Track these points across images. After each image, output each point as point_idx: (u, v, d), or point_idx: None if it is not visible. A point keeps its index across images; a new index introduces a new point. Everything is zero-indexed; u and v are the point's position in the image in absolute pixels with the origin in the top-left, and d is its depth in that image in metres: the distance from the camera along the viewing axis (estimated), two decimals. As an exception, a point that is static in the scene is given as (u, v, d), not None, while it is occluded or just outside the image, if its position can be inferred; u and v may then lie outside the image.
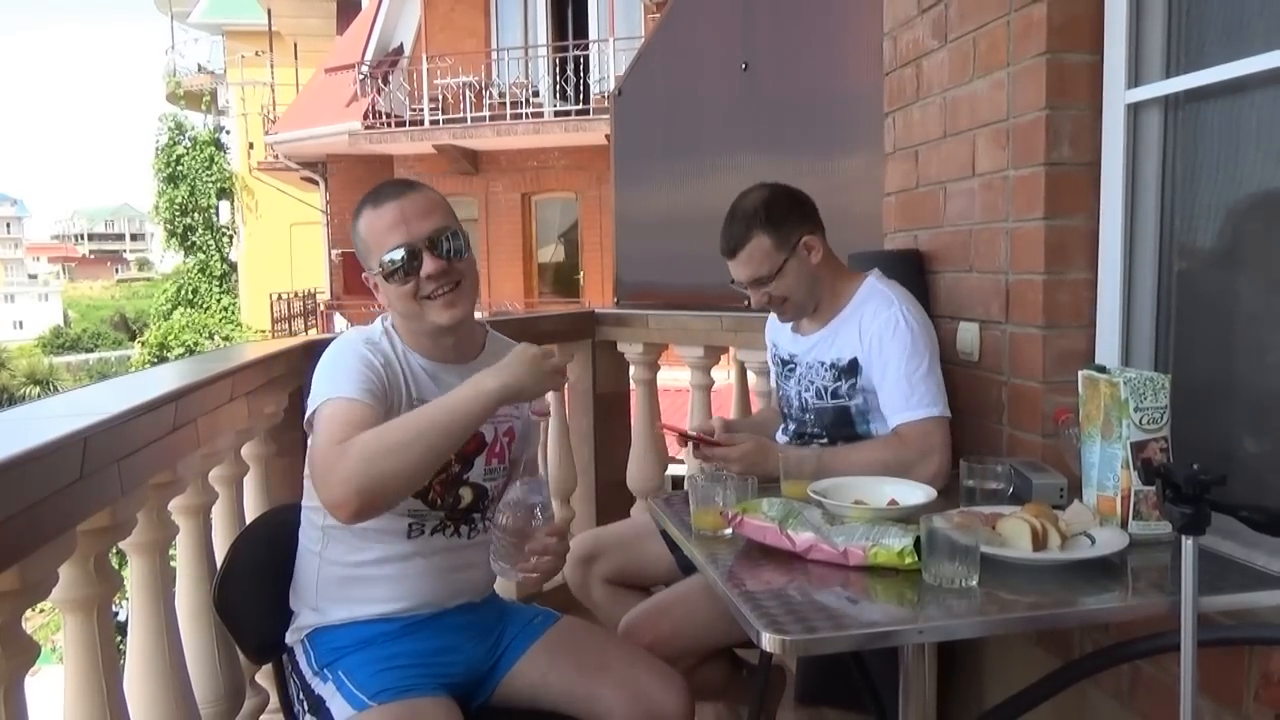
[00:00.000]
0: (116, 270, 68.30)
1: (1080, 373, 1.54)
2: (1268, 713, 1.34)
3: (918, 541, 1.32)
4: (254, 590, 1.64)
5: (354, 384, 1.42)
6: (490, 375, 1.38)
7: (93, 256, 73.21)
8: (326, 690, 1.51)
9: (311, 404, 1.44)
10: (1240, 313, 1.68)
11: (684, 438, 1.97)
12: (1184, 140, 1.73)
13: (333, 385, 1.43)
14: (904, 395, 1.81)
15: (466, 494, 1.60)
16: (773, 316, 2.18)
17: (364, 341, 1.53)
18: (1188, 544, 1.17)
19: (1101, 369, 1.51)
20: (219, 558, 1.79)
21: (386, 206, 1.52)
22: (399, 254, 1.49)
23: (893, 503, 1.57)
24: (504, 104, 11.67)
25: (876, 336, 1.86)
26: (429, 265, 1.50)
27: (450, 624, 1.61)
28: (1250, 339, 1.65)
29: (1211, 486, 1.15)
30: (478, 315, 1.71)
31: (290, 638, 1.61)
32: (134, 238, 76.63)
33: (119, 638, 1.56)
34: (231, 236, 17.96)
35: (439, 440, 1.35)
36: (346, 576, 1.57)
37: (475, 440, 1.58)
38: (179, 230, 17.54)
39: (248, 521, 1.96)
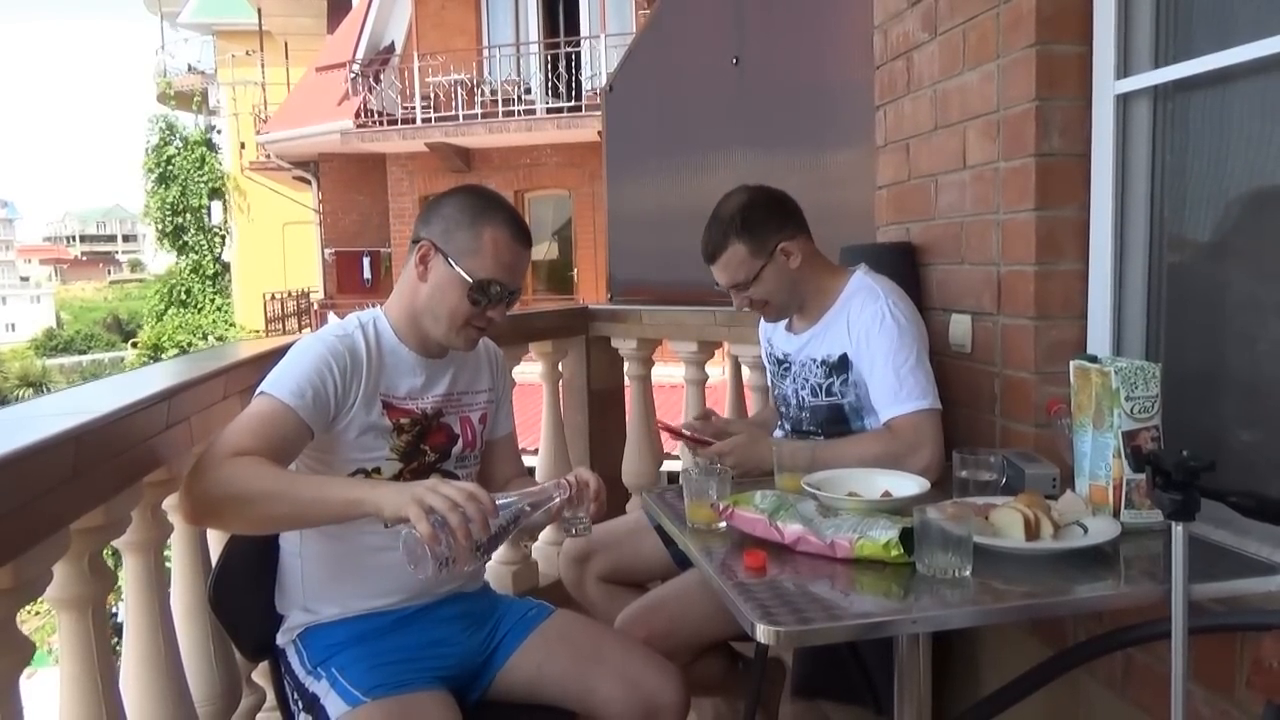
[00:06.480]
0: (109, 272, 68.04)
1: (1072, 363, 1.54)
2: (1259, 698, 1.35)
3: (904, 534, 1.33)
4: (249, 588, 1.64)
5: (295, 386, 1.48)
6: (370, 487, 1.39)
7: (85, 258, 72.88)
8: (321, 688, 1.51)
9: (260, 386, 1.50)
10: (1230, 302, 1.69)
11: (678, 435, 1.98)
12: (1173, 130, 1.74)
13: (277, 380, 1.49)
14: (893, 389, 1.82)
15: None
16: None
17: (337, 334, 1.57)
18: (1177, 530, 1.17)
19: (1093, 359, 1.51)
20: (214, 556, 1.79)
21: (518, 246, 1.58)
22: (497, 288, 1.55)
23: (887, 494, 1.57)
24: (496, 101, 11.64)
25: (864, 331, 1.86)
26: (497, 312, 1.58)
27: (443, 616, 1.62)
28: (1240, 327, 1.66)
29: (1201, 473, 1.16)
30: None
31: (281, 639, 1.62)
32: (126, 239, 76.33)
33: (115, 638, 1.56)
34: (224, 237, 17.91)
35: (290, 511, 1.39)
36: (332, 572, 1.57)
37: (445, 433, 1.62)
38: (170, 231, 17.48)
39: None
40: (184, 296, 17.55)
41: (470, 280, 1.54)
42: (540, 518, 1.45)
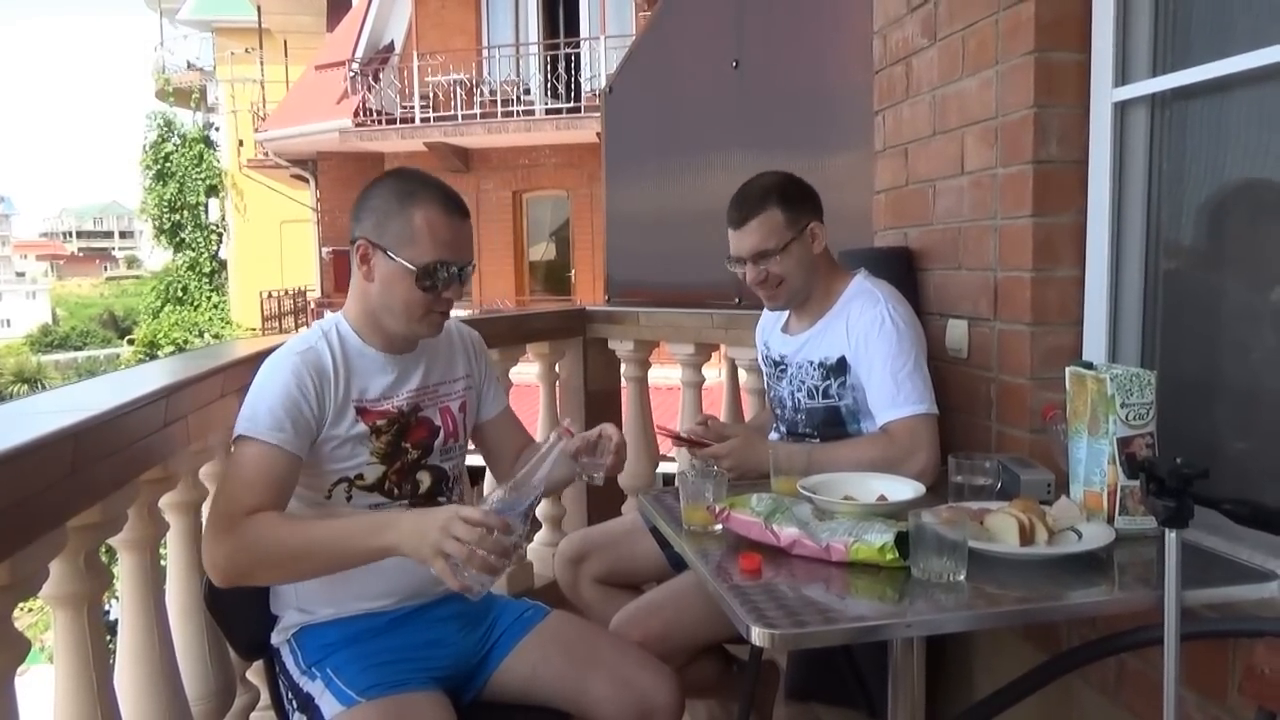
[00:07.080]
0: (105, 268, 67.92)
1: (1067, 369, 1.55)
2: (1250, 704, 1.35)
3: (899, 538, 1.33)
4: (244, 587, 1.63)
5: (273, 421, 1.44)
6: (392, 530, 1.34)
7: (81, 254, 72.73)
8: (315, 688, 1.51)
9: (238, 425, 1.46)
10: (1225, 309, 1.70)
11: (677, 439, 1.98)
12: (1170, 138, 1.74)
13: (254, 418, 1.45)
14: (890, 393, 1.82)
15: (425, 478, 1.62)
16: (763, 318, 2.19)
17: (299, 354, 1.52)
18: (1171, 537, 1.18)
19: (1088, 365, 1.52)
20: (210, 554, 1.79)
21: (454, 220, 1.54)
22: (444, 270, 1.51)
23: (882, 498, 1.58)
24: (495, 102, 11.66)
25: (863, 334, 1.87)
26: (452, 292, 1.55)
27: (439, 616, 1.62)
28: (1235, 335, 1.66)
29: (1194, 480, 1.17)
30: (467, 313, 1.71)
31: (276, 638, 1.61)
32: (123, 235, 76.19)
33: (109, 636, 1.56)
34: (221, 234, 17.90)
35: (321, 566, 1.43)
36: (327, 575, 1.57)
37: (426, 428, 1.62)
38: (168, 228, 17.47)
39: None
40: (180, 294, 17.54)
41: (414, 269, 1.50)
42: (560, 473, 1.46)
